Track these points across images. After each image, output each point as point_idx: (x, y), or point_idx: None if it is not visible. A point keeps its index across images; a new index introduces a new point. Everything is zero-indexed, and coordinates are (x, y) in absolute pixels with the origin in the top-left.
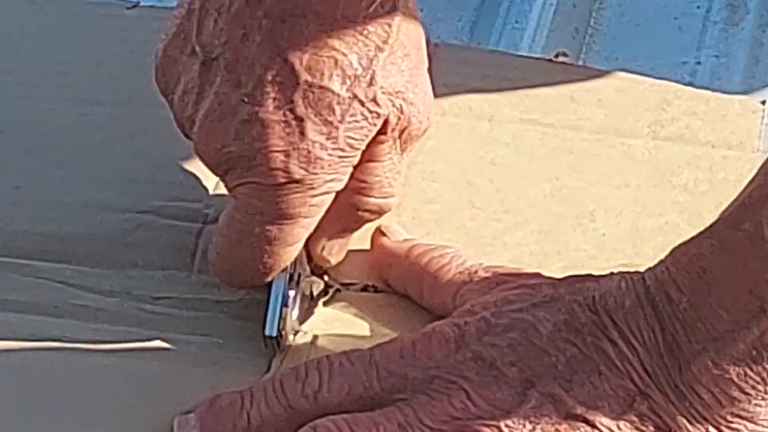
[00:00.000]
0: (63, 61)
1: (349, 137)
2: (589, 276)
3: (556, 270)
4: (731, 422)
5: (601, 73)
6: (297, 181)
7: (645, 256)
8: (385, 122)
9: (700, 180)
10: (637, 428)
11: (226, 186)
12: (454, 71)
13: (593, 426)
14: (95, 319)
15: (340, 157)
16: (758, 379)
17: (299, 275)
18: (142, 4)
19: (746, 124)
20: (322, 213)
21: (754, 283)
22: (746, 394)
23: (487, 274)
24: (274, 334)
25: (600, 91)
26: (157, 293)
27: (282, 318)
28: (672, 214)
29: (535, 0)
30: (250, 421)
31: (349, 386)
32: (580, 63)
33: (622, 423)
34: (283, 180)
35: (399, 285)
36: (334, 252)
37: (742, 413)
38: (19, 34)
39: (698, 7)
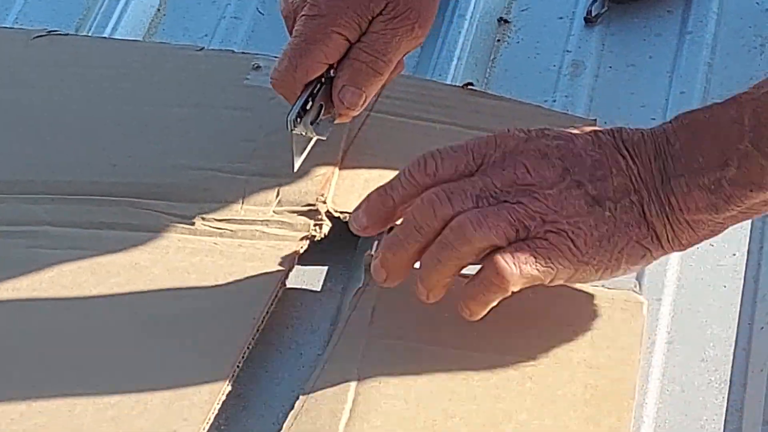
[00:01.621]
0: (154, 81)
1: None
2: None
3: None
4: (681, 223)
5: (495, 97)
6: (322, 16)
7: None
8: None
9: None
10: (626, 212)
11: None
12: (402, 91)
13: (600, 205)
14: (180, 233)
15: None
16: (708, 203)
17: (321, 106)
18: (207, 48)
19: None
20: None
21: (725, 145)
22: (698, 209)
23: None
24: (293, 118)
25: (494, 108)
26: (220, 217)
27: (300, 111)
28: None
29: (455, 51)
30: (394, 200)
31: (456, 165)
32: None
33: (618, 205)
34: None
35: None
36: (347, 97)
37: (691, 222)
38: (123, 66)
39: (554, 66)
